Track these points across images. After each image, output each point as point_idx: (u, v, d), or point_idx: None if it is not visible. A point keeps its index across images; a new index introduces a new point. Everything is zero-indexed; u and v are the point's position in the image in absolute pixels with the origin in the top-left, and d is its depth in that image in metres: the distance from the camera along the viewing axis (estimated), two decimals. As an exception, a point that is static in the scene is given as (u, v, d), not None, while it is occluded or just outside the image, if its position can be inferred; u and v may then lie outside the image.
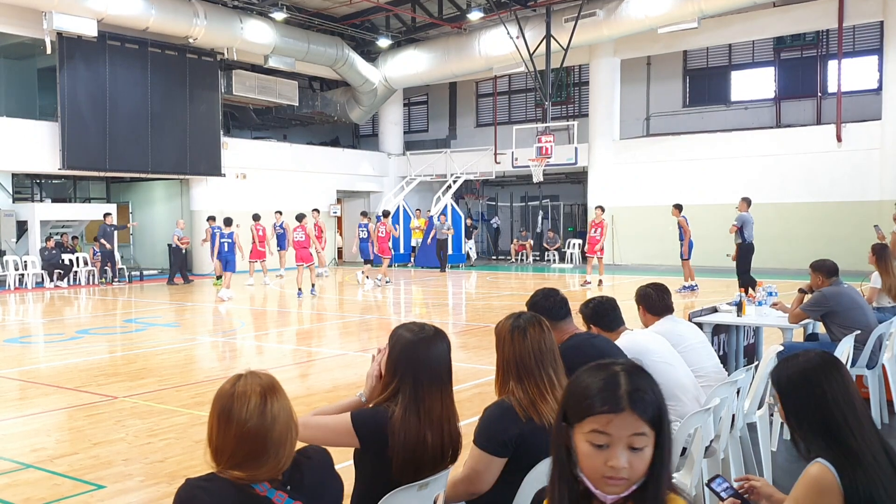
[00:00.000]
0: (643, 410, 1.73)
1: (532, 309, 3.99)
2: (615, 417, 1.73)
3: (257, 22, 23.22)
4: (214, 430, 2.23)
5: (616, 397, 1.74)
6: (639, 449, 1.73)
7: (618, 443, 1.73)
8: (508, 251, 29.60)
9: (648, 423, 1.73)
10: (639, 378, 1.79)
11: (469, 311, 15.82)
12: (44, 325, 14.24)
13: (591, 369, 1.83)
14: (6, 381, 9.01)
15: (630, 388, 1.75)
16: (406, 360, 2.91)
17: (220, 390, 2.28)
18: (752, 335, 7.62)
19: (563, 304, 4.21)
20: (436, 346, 2.94)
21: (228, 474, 2.18)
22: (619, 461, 1.72)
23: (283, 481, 2.23)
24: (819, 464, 2.38)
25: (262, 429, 2.19)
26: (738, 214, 15.47)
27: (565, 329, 4.13)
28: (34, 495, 5.08)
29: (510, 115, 30.85)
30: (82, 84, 20.45)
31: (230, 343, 12.21)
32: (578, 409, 1.78)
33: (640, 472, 1.74)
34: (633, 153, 25.34)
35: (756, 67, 26.00)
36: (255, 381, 2.28)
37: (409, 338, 2.95)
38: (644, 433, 1.73)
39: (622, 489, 1.75)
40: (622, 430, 1.72)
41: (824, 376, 2.52)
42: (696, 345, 5.03)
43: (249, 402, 2.21)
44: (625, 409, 1.73)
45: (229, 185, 24.25)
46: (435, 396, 2.89)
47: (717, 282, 18.63)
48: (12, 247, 21.17)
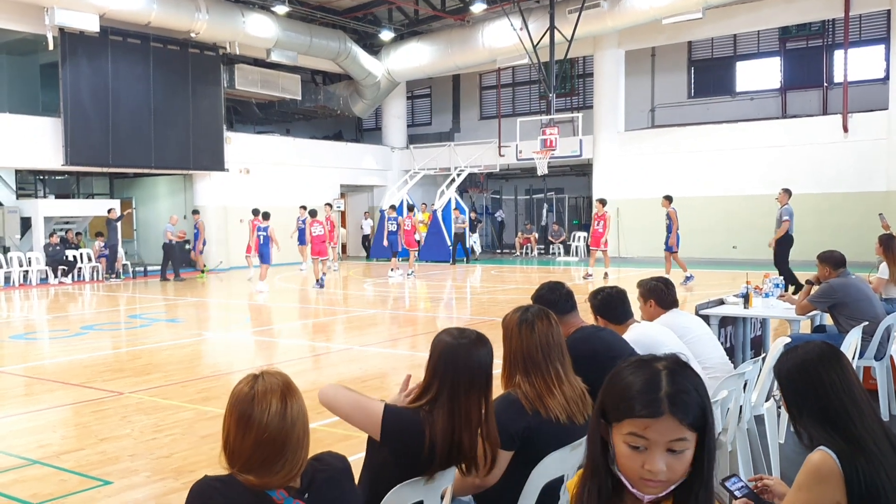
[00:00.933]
0: (684, 414, 1.67)
1: (537, 302, 3.96)
2: (654, 422, 1.66)
3: (259, 16, 23.17)
4: (232, 434, 2.16)
5: (656, 401, 1.67)
6: (678, 452, 1.68)
7: (656, 447, 1.67)
8: (513, 244, 29.57)
9: (689, 427, 1.67)
10: (681, 378, 1.72)
11: (474, 305, 15.80)
12: (48, 322, 14.24)
13: (633, 366, 1.77)
14: (11, 377, 9.01)
15: (671, 391, 1.68)
16: (445, 365, 2.87)
17: (238, 393, 2.20)
18: (759, 327, 7.58)
19: (569, 297, 4.18)
20: (476, 351, 2.89)
21: (244, 478, 2.13)
22: (656, 465, 1.67)
23: (300, 489, 2.18)
24: (821, 451, 2.39)
25: (281, 433, 2.15)
26: (783, 207, 15.02)
27: (571, 322, 4.10)
28: (41, 491, 5.08)
29: (514, 107, 30.76)
30: (85, 79, 20.44)
31: (235, 338, 12.21)
32: (617, 410, 1.72)
33: (680, 474, 1.70)
34: (638, 145, 25.26)
35: (761, 58, 25.88)
36: (273, 382, 2.21)
37: (449, 342, 2.91)
38: (684, 438, 1.67)
39: (660, 490, 1.71)
40: (661, 436, 1.67)
41: (823, 366, 2.54)
42: (702, 336, 5.00)
43: (270, 407, 2.15)
44: (664, 414, 1.66)
45: (233, 180, 24.23)
46: (473, 401, 2.84)
47: (723, 274, 18.58)
48: (16, 243, 21.17)
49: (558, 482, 3.08)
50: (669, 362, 1.76)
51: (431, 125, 32.92)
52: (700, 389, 1.72)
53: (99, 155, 20.87)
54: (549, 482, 3.01)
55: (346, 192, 29.21)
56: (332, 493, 2.25)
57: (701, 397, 1.71)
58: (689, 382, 1.72)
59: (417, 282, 19.90)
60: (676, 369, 1.74)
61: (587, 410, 3.17)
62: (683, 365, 1.77)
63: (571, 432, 3.08)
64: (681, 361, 1.78)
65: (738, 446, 4.39)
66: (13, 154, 19.63)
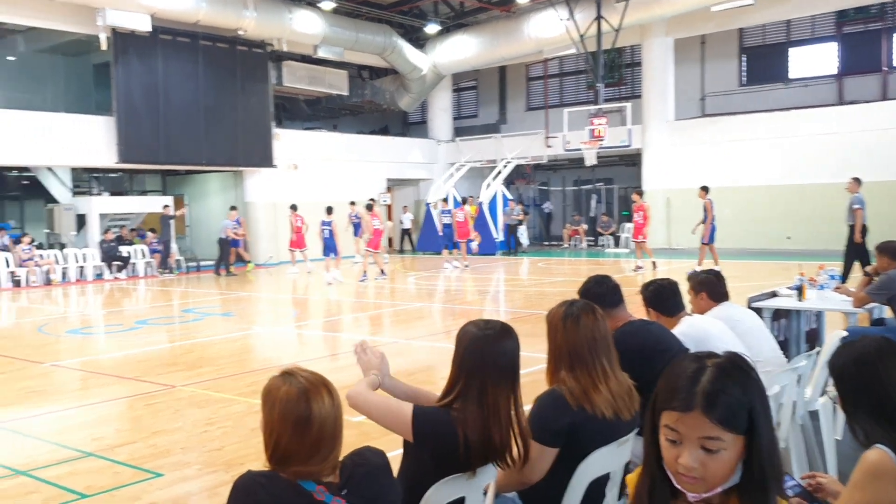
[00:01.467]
0: (716, 413, 1.63)
1: (584, 296, 3.89)
2: (684, 416, 1.66)
3: (306, 12, 23.32)
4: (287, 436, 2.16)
5: (689, 395, 1.66)
6: (714, 452, 1.64)
7: (688, 442, 1.66)
8: (561, 236, 29.37)
9: (723, 427, 1.63)
10: (726, 377, 1.68)
11: (521, 298, 15.73)
12: (104, 317, 14.54)
13: (687, 359, 1.76)
14: (68, 371, 9.21)
15: (709, 388, 1.65)
16: (471, 357, 2.83)
17: (286, 395, 2.18)
18: (815, 320, 7.40)
19: (616, 290, 4.11)
20: (502, 342, 2.84)
21: (289, 472, 2.15)
22: (686, 460, 1.66)
23: (339, 485, 2.18)
24: (877, 449, 2.32)
25: (337, 423, 2.20)
26: (854, 196, 14.62)
27: (619, 316, 4.04)
28: (95, 483, 5.18)
29: (561, 97, 30.52)
30: (136, 78, 20.78)
31: (284, 332, 12.33)
32: (659, 400, 1.73)
33: (718, 475, 1.66)
34: (689, 134, 24.89)
35: (816, 43, 25.26)
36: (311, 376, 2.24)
37: (475, 333, 2.86)
38: (717, 437, 1.64)
39: (700, 489, 1.68)
40: (691, 431, 1.65)
41: (880, 361, 2.47)
42: (754, 329, 4.90)
43: (324, 400, 2.18)
44: (694, 410, 1.65)
45: (281, 176, 24.46)
46: (501, 394, 2.79)
47: (776, 265, 18.21)
48: (72, 240, 21.63)
49: (604, 479, 3.04)
50: (723, 360, 1.73)
51: (478, 117, 32.82)
52: (749, 391, 1.68)
53: (151, 152, 21.23)
54: (595, 479, 2.97)
55: (392, 185, 29.28)
56: (370, 488, 2.24)
57: (747, 399, 1.67)
58: (735, 383, 1.68)
59: (465, 274, 19.89)
60: (726, 367, 1.70)
61: (634, 406, 3.11)
62: (737, 365, 1.72)
63: (618, 428, 3.03)
64: (737, 362, 1.74)
65: (791, 443, 4.29)
66: (68, 152, 20.06)
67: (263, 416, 2.22)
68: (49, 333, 11.99)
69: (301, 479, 2.14)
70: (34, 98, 21.22)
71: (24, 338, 11.95)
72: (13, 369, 9.17)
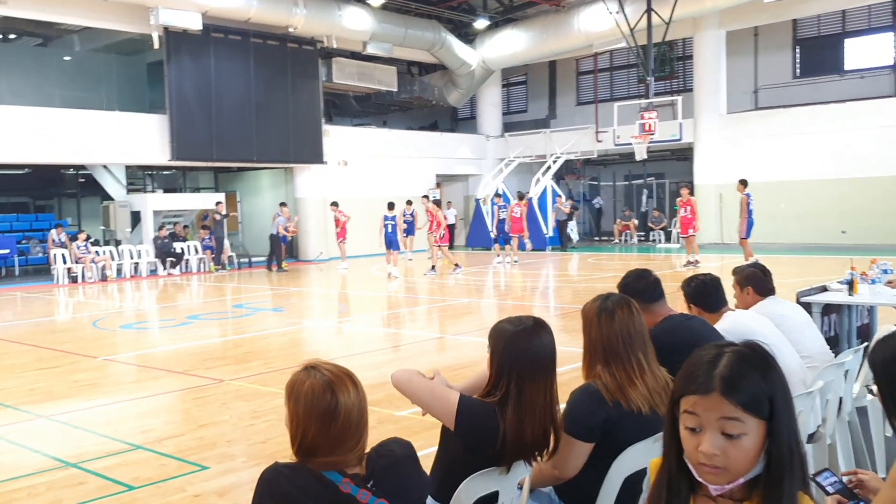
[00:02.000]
0: (735, 394, 1.63)
1: (623, 291, 3.86)
2: (702, 399, 1.66)
3: (355, 8, 23.45)
4: (313, 429, 2.18)
5: (708, 378, 1.66)
6: (733, 436, 1.63)
7: (708, 426, 1.65)
8: (611, 232, 29.12)
9: (743, 409, 1.62)
10: (745, 362, 1.68)
11: (570, 294, 15.63)
12: (157, 312, 14.81)
13: (707, 347, 1.76)
14: (122, 365, 9.41)
15: (727, 372, 1.66)
16: (507, 353, 2.81)
17: (311, 389, 2.21)
18: (867, 315, 7.22)
19: (657, 285, 4.06)
20: (536, 338, 2.82)
21: (315, 463, 2.17)
22: (707, 446, 1.64)
23: (365, 477, 2.20)
24: None
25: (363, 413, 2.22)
26: None
27: (658, 311, 3.98)
28: (142, 475, 5.27)
29: (612, 92, 30.24)
30: (188, 77, 21.12)
31: (333, 327, 12.42)
32: (677, 388, 1.74)
33: (740, 463, 1.65)
34: (742, 128, 24.47)
35: (873, 34, 24.63)
36: (334, 368, 2.26)
37: (509, 330, 2.85)
38: (737, 418, 1.63)
39: (723, 480, 1.66)
40: (710, 413, 1.64)
41: None
42: (801, 324, 4.79)
43: (349, 391, 2.20)
44: (713, 392, 1.64)
45: (331, 173, 24.65)
46: (538, 389, 2.78)
47: (829, 259, 17.82)
48: (127, 236, 22.10)
49: (640, 474, 2.99)
50: (743, 347, 1.73)
51: (527, 112, 32.68)
52: (769, 379, 1.67)
53: (203, 150, 21.56)
54: (631, 474, 2.94)
55: (441, 181, 29.32)
56: (395, 479, 2.24)
57: (767, 386, 1.66)
58: (754, 368, 1.67)
59: (515, 270, 19.85)
60: (746, 353, 1.70)
61: (671, 401, 3.07)
62: (758, 353, 1.72)
63: (654, 424, 2.98)
64: (757, 349, 1.73)
65: (838, 440, 4.19)
66: (123, 150, 20.49)
67: (288, 410, 2.24)
68: (103, 328, 12.26)
69: (326, 471, 2.15)
70: (89, 97, 21.70)
71: (79, 332, 12.24)
72: (67, 362, 9.39)
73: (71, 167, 23.77)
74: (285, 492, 2.12)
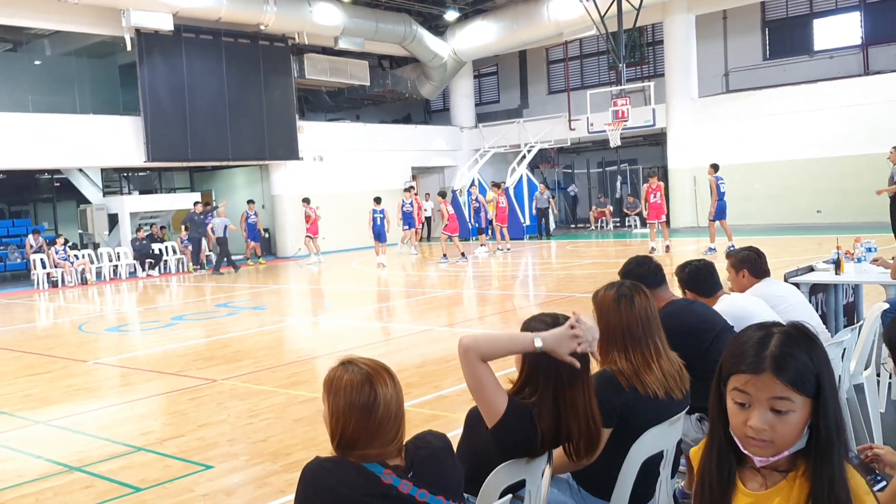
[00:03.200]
0: (785, 374, 1.71)
1: (625, 277, 3.94)
2: (754, 378, 1.74)
3: (326, 4, 23.36)
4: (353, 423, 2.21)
5: (760, 358, 1.74)
6: (782, 412, 1.72)
7: (757, 403, 1.74)
8: (587, 219, 29.29)
9: (793, 388, 1.71)
10: (793, 342, 1.76)
11: (551, 281, 15.74)
12: (140, 314, 14.73)
13: (753, 328, 1.84)
14: (110, 368, 9.38)
15: (777, 352, 1.74)
16: (547, 357, 2.73)
17: (349, 383, 2.23)
18: (852, 294, 7.37)
19: (658, 270, 4.14)
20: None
21: (356, 455, 2.21)
22: (756, 421, 1.73)
23: (405, 469, 2.25)
24: None
25: (400, 405, 2.27)
26: (895, 167, 14.40)
27: (661, 296, 4.05)
28: (148, 476, 5.30)
29: (583, 80, 30.36)
30: (161, 78, 20.97)
31: (318, 323, 12.44)
32: (727, 366, 1.80)
33: (786, 437, 1.74)
34: (713, 111, 24.68)
35: (840, 13, 24.93)
36: (370, 362, 2.30)
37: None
38: (787, 398, 1.72)
39: (768, 452, 1.76)
40: (761, 392, 1.73)
41: None
42: (798, 305, 4.89)
43: (387, 384, 2.25)
44: (765, 371, 1.73)
45: (307, 168, 24.59)
46: (577, 388, 2.76)
47: (808, 239, 18.07)
48: (105, 239, 21.93)
49: (657, 458, 3.08)
50: (789, 327, 1.81)
51: (499, 103, 32.74)
52: (816, 358, 1.75)
53: (178, 150, 21.44)
54: (649, 458, 3.01)
55: (417, 174, 29.34)
56: (434, 470, 2.30)
57: (815, 365, 1.74)
58: (802, 347, 1.75)
59: (492, 259, 19.95)
60: (793, 333, 1.79)
61: (685, 385, 3.14)
62: (803, 332, 1.80)
63: (670, 407, 3.06)
64: (802, 329, 1.81)
65: (837, 416, 4.29)
66: (98, 153, 20.33)
67: (328, 405, 2.27)
68: (89, 332, 12.19)
69: (367, 463, 2.20)
70: (62, 101, 21.46)
71: (65, 337, 12.15)
72: (58, 368, 9.34)
73: (46, 172, 23.52)
74: (329, 486, 2.16)
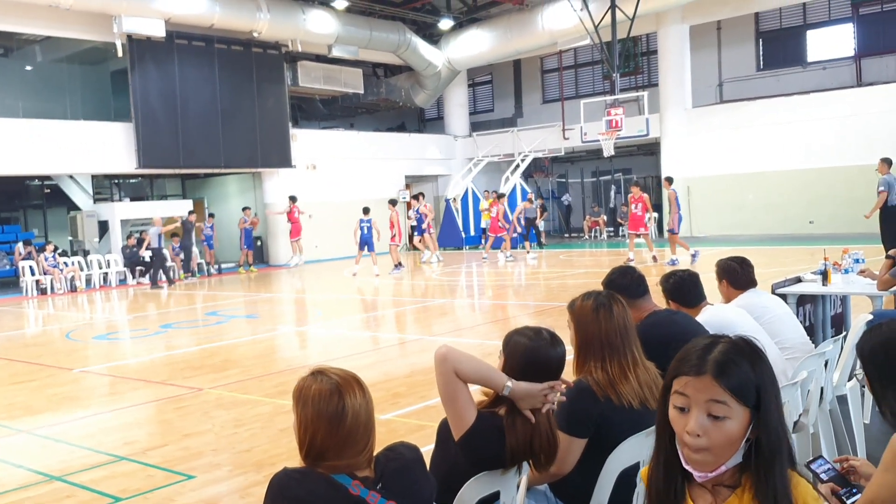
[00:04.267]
0: (726, 378, 1.73)
1: (608, 287, 3.91)
2: (694, 380, 1.76)
3: (319, 12, 23.38)
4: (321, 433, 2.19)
5: (702, 361, 1.77)
6: (719, 417, 1.73)
7: (695, 406, 1.75)
8: (581, 228, 29.30)
9: (731, 394, 1.73)
10: (738, 352, 1.79)
11: (544, 291, 15.72)
12: (129, 322, 14.67)
13: (703, 337, 1.88)
14: (97, 376, 9.32)
15: (720, 357, 1.76)
16: (524, 367, 2.79)
17: (318, 393, 2.22)
18: (840, 304, 7.36)
19: (641, 281, 4.12)
20: (554, 350, 2.84)
21: (325, 466, 2.19)
22: (692, 424, 1.75)
23: (374, 480, 2.22)
24: None
25: (370, 416, 2.25)
26: (882, 178, 14.39)
27: (644, 307, 4.04)
28: (129, 486, 5.25)
29: (577, 89, 30.42)
30: (153, 84, 20.93)
31: (308, 332, 12.40)
32: (671, 372, 1.84)
33: (723, 446, 1.74)
34: (707, 121, 24.74)
35: (833, 25, 25.05)
36: (341, 372, 2.28)
37: (527, 344, 2.84)
38: (723, 402, 1.73)
39: (707, 466, 1.76)
40: (699, 394, 1.75)
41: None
42: (782, 315, 4.87)
43: (356, 394, 2.22)
44: (705, 374, 1.75)
45: (300, 176, 24.55)
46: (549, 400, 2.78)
47: (800, 250, 18.09)
48: (95, 246, 21.85)
49: (634, 469, 3.04)
50: (737, 339, 1.84)
51: (494, 112, 32.78)
52: (759, 370, 1.78)
53: (170, 157, 21.38)
54: (625, 469, 2.98)
55: (410, 182, 29.33)
56: (404, 482, 2.27)
57: (756, 376, 1.77)
58: (745, 357, 1.78)
59: (485, 268, 19.91)
60: (739, 344, 1.82)
61: (660, 395, 3.12)
62: (750, 345, 1.83)
63: (646, 418, 3.02)
64: (751, 343, 1.83)
65: (820, 428, 4.28)
66: (89, 160, 20.25)
67: (297, 415, 2.25)
68: (77, 340, 12.13)
69: (335, 474, 2.17)
70: (53, 107, 21.42)
71: (52, 345, 12.09)
72: (44, 376, 9.28)
73: (36, 178, 23.44)
74: (296, 496, 2.13)
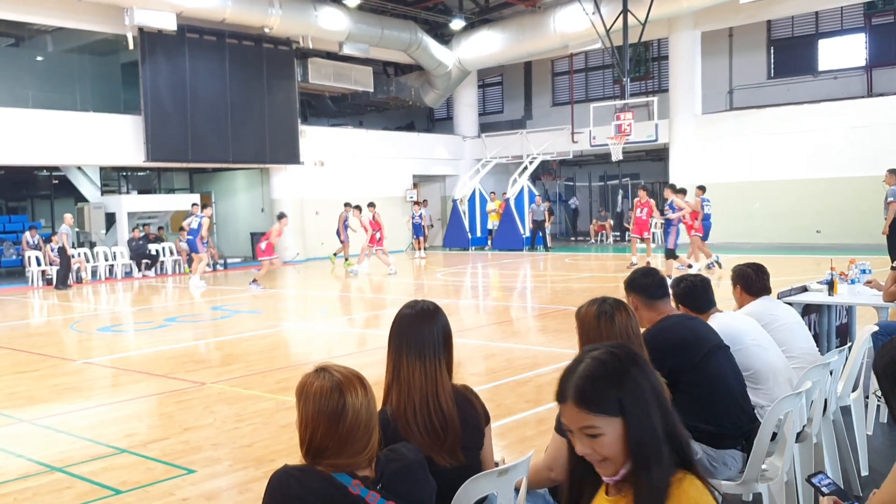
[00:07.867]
0: (585, 403, 1.73)
1: (630, 286, 4.00)
2: (563, 407, 1.78)
3: (331, 9, 23.39)
4: (322, 429, 2.18)
5: (564, 387, 1.77)
6: (594, 436, 1.73)
7: (574, 429, 1.77)
8: (587, 232, 29.26)
9: (594, 414, 1.72)
10: (598, 367, 1.76)
11: (548, 294, 15.70)
12: (133, 314, 14.69)
13: (581, 352, 1.85)
14: (100, 368, 9.33)
15: (579, 382, 1.75)
16: (395, 336, 2.87)
17: (319, 390, 2.21)
18: (845, 315, 7.33)
19: (662, 283, 4.11)
20: (426, 320, 2.86)
21: (326, 464, 2.18)
22: (579, 447, 1.77)
23: (374, 480, 2.21)
24: None
25: (372, 414, 2.24)
26: (889, 189, 14.35)
27: (661, 309, 4.03)
28: (129, 479, 5.24)
29: (587, 92, 30.40)
30: (163, 77, 20.95)
31: (312, 328, 12.39)
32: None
33: (615, 454, 1.74)
34: (717, 128, 24.69)
35: (845, 34, 25.00)
36: (344, 370, 2.27)
37: (403, 313, 2.91)
38: (590, 425, 1.73)
39: (610, 471, 1.77)
40: (570, 422, 1.77)
41: None
42: (792, 325, 4.85)
43: (358, 393, 2.21)
44: (567, 401, 1.75)
45: (308, 173, 24.58)
46: (414, 368, 2.78)
47: (807, 259, 18.05)
48: (102, 238, 21.90)
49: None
50: (604, 351, 1.79)
51: (503, 113, 32.78)
52: (620, 382, 1.74)
53: (178, 151, 21.40)
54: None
55: (418, 182, 29.34)
56: (405, 483, 2.26)
57: (616, 390, 1.73)
58: (607, 374, 1.74)
59: (491, 270, 19.90)
60: (602, 359, 1.77)
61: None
62: (614, 357, 1.78)
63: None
64: (616, 354, 1.79)
65: (823, 439, 4.25)
66: (97, 152, 20.30)
67: (298, 411, 2.24)
68: (81, 331, 12.15)
69: (336, 472, 2.16)
70: (63, 98, 21.47)
71: (56, 335, 12.12)
72: (46, 366, 9.30)
73: (44, 168, 23.51)
74: (296, 494, 2.12)
